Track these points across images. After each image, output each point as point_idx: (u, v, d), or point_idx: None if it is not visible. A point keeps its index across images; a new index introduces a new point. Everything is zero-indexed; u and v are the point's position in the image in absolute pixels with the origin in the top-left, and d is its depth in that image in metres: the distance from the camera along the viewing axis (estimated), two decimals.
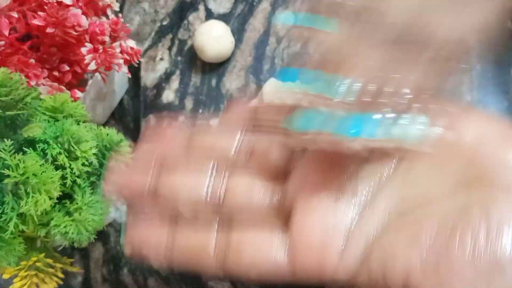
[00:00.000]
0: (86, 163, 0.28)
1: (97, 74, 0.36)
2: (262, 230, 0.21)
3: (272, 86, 0.39)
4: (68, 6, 0.32)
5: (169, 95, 0.41)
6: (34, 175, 0.26)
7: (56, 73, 0.33)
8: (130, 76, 0.39)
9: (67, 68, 0.33)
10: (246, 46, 0.41)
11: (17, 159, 0.26)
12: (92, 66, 0.34)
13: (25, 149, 0.27)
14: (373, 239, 0.19)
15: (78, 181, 0.29)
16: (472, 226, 0.17)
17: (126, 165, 0.23)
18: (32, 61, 0.32)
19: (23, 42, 0.31)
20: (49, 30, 0.31)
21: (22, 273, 0.30)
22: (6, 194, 0.26)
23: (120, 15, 0.37)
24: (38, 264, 0.30)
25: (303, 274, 0.19)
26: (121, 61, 0.36)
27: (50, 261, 0.31)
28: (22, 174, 0.26)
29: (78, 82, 0.35)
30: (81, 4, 0.33)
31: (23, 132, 0.28)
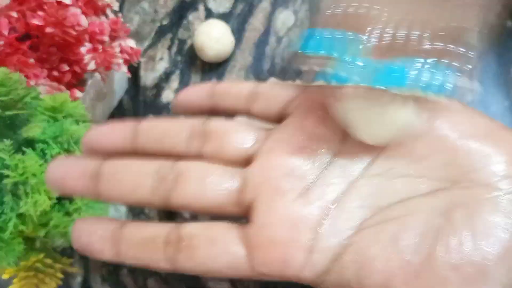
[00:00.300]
0: None
1: (96, 74, 0.35)
2: (219, 222, 0.19)
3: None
4: (67, 5, 0.32)
5: (169, 95, 0.41)
6: (34, 175, 0.26)
7: (55, 73, 0.33)
8: (129, 76, 0.39)
9: (67, 68, 0.33)
10: (246, 46, 0.41)
11: (16, 159, 0.26)
12: (91, 66, 0.34)
13: (24, 149, 0.27)
14: (346, 237, 0.17)
15: None
16: (456, 228, 0.16)
17: (71, 153, 0.21)
18: (31, 60, 0.32)
19: (23, 42, 0.31)
20: (48, 30, 0.31)
21: (22, 273, 0.30)
22: (6, 194, 0.26)
23: (119, 15, 0.37)
24: (37, 264, 0.30)
25: (264, 270, 0.17)
26: (120, 61, 0.36)
27: (49, 261, 0.31)
28: (22, 174, 0.26)
29: (78, 82, 0.35)
30: (80, 3, 0.33)
31: (23, 132, 0.28)
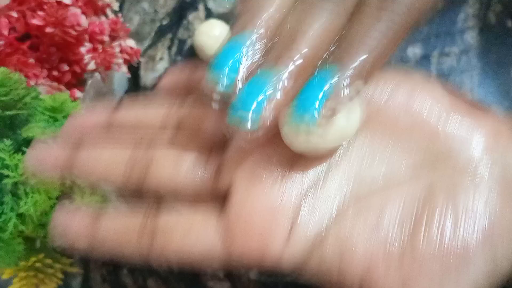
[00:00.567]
0: None
1: (96, 74, 0.36)
2: (193, 210, 0.18)
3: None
4: (67, 5, 0.32)
5: None
6: (34, 175, 0.26)
7: (55, 72, 0.33)
8: (129, 75, 0.39)
9: (67, 67, 0.33)
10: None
11: (16, 159, 0.26)
12: (91, 66, 0.34)
13: (24, 149, 0.27)
14: (326, 224, 0.16)
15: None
16: (438, 214, 0.15)
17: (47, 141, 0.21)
18: (31, 60, 0.32)
19: (23, 41, 0.31)
20: (48, 30, 0.31)
21: (22, 273, 0.29)
22: (6, 194, 0.26)
23: (119, 15, 0.37)
24: (37, 264, 0.30)
25: (242, 259, 0.17)
26: (120, 60, 0.36)
27: (49, 261, 0.31)
28: (22, 174, 0.26)
29: (78, 82, 0.35)
30: (80, 3, 0.33)
31: (23, 132, 0.28)
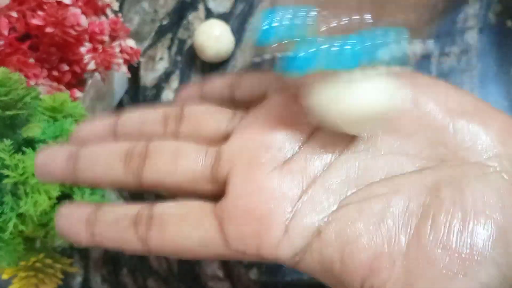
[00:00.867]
0: None
1: (96, 74, 0.35)
2: (191, 198, 0.18)
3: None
4: (67, 5, 0.32)
5: (168, 95, 0.41)
6: (34, 175, 0.26)
7: (55, 72, 0.33)
8: (129, 75, 0.39)
9: (67, 67, 0.33)
10: (246, 46, 0.41)
11: (16, 159, 0.26)
12: (91, 66, 0.34)
13: (24, 149, 0.27)
14: (328, 213, 0.16)
15: None
16: (445, 206, 0.15)
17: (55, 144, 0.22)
18: (31, 60, 0.31)
19: (23, 41, 0.31)
20: (48, 30, 0.31)
21: (21, 273, 0.29)
22: (5, 194, 0.26)
23: (119, 15, 0.37)
24: (37, 264, 0.30)
25: (239, 247, 0.17)
26: (120, 60, 0.36)
27: (49, 261, 0.31)
28: (22, 174, 0.26)
29: (78, 82, 0.35)
30: (80, 3, 0.33)
31: (23, 132, 0.28)
